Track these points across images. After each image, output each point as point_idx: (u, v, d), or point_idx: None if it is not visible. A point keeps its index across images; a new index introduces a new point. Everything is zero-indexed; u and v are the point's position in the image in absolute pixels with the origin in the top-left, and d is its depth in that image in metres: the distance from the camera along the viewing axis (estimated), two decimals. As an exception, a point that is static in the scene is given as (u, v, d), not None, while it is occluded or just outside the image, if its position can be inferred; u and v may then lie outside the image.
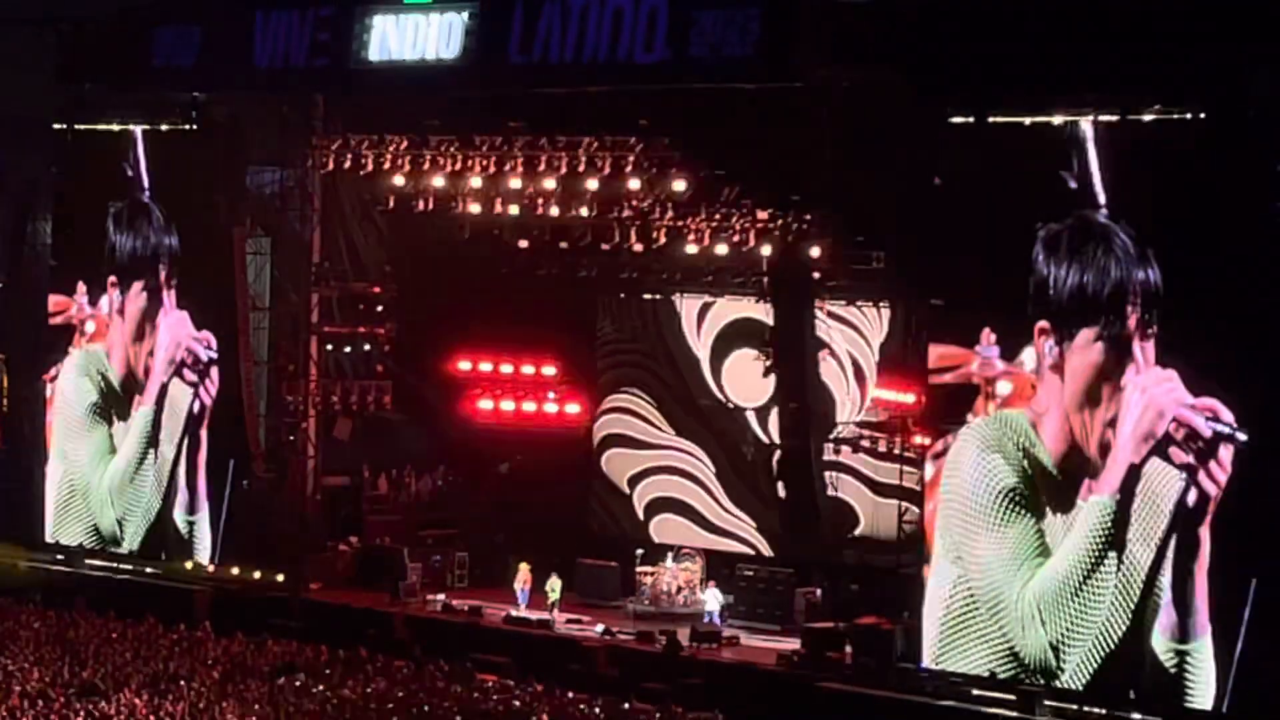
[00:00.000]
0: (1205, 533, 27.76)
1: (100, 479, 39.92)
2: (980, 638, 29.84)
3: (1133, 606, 28.36)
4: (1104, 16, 28.50)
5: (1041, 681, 29.18)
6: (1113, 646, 28.54)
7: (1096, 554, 28.74)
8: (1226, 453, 27.65)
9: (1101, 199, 28.34)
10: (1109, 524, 28.61)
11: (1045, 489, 29.38)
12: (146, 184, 38.84)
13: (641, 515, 39.07)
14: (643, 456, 39.04)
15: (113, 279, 39.75)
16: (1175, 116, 28.06)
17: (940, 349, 30.66)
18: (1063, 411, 29.19)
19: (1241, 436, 27.48)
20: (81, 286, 40.02)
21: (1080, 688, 28.87)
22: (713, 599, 34.90)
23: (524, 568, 36.07)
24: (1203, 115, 27.83)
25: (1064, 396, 29.12)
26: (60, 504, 40.42)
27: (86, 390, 40.22)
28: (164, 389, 39.03)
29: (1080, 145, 28.45)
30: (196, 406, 38.63)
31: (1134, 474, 28.47)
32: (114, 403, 39.88)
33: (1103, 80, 28.51)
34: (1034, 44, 29.12)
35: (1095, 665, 28.72)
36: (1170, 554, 28.03)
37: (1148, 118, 28.33)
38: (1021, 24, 29.26)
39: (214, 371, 38.52)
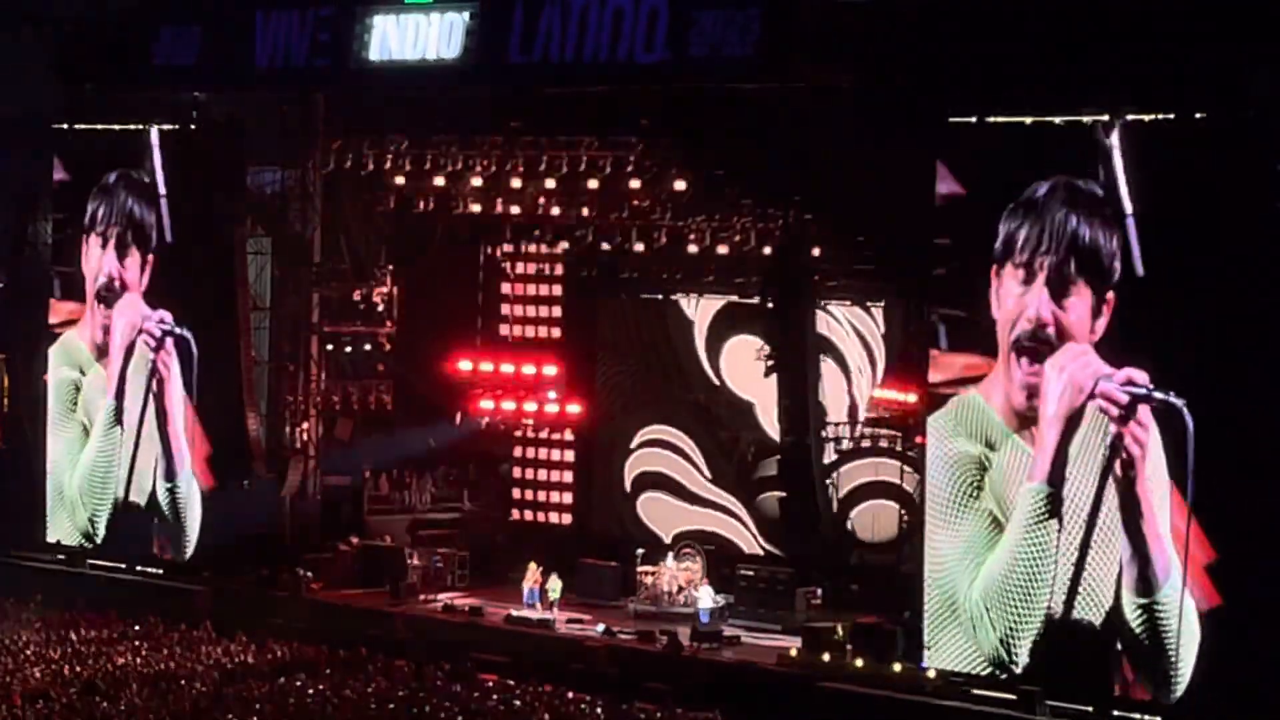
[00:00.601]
0: (1143, 489, 27.87)
1: (72, 478, 40.03)
2: (953, 635, 29.94)
3: (1071, 586, 28.60)
4: (1104, 17, 28.48)
5: (1003, 677, 29.31)
6: (1059, 630, 28.71)
7: (1034, 543, 28.91)
8: (1145, 412, 27.81)
9: (1128, 206, 28.11)
10: (1043, 510, 28.81)
11: (993, 467, 29.46)
12: (163, 186, 38.59)
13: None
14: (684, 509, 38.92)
15: (93, 239, 39.80)
16: (1175, 117, 28.03)
17: (964, 358, 30.36)
18: (1003, 375, 29.32)
19: (1159, 395, 27.64)
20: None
21: (1034, 676, 29.01)
22: (706, 597, 34.92)
23: (533, 567, 36.08)
24: (1201, 115, 27.80)
25: (998, 360, 29.33)
26: (53, 503, 40.48)
27: (63, 382, 40.37)
28: (123, 376, 39.06)
29: (1106, 150, 28.22)
30: (155, 383, 38.57)
31: (1062, 454, 28.64)
32: (81, 387, 39.97)
33: (1103, 81, 28.47)
34: (1034, 44, 29.11)
35: (1047, 652, 28.89)
36: (1116, 521, 28.13)
37: (1147, 118, 28.34)
38: (1022, 24, 29.25)
39: (169, 342, 38.43)
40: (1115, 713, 28.55)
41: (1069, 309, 28.65)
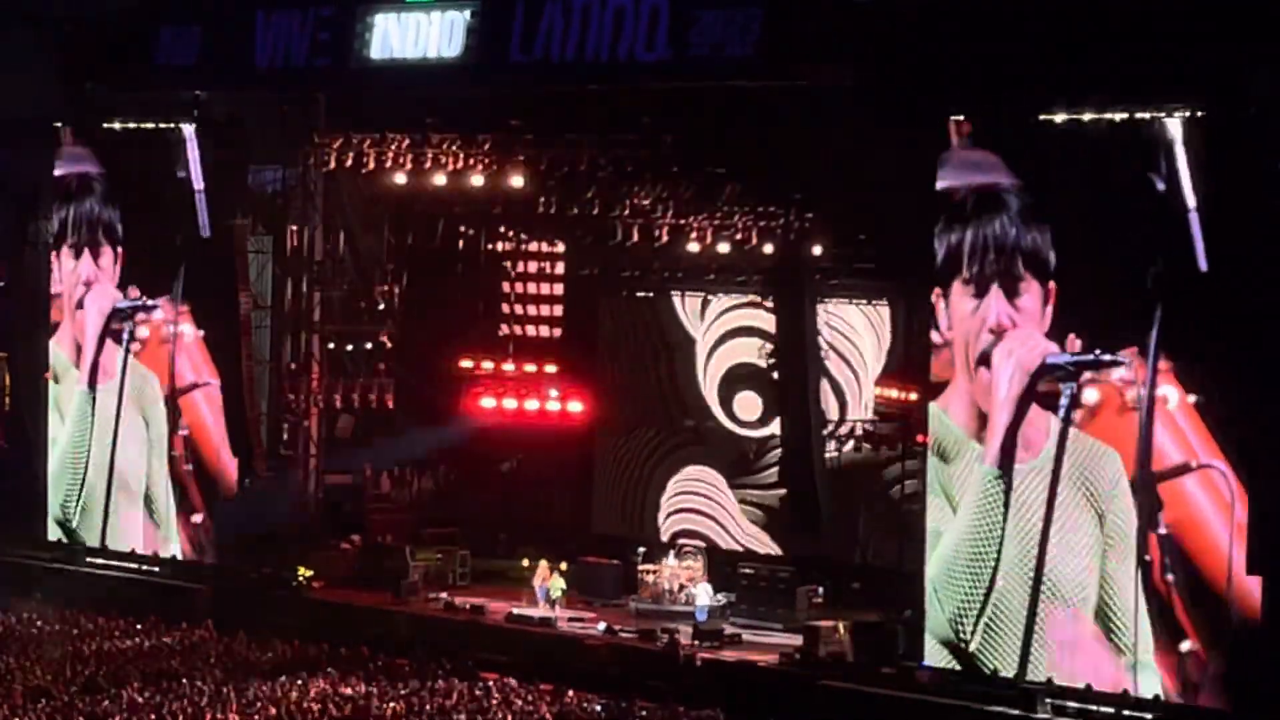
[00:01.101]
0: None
1: (46, 470, 40.26)
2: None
3: (1033, 565, 28.86)
4: (1105, 16, 28.48)
5: (954, 659, 29.67)
6: (1017, 610, 28.98)
7: (982, 524, 29.27)
8: (1090, 376, 28.14)
9: (1191, 201, 27.92)
10: (993, 491, 29.14)
11: (953, 473, 29.79)
12: (201, 184, 38.36)
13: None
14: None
15: (65, 252, 39.97)
16: (1177, 115, 28.03)
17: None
18: (961, 383, 29.66)
19: (1107, 358, 27.92)
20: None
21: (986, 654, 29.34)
22: (704, 594, 34.99)
23: (544, 564, 36.12)
24: (1200, 114, 27.82)
25: (954, 367, 29.58)
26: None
27: (53, 384, 40.58)
28: (95, 363, 39.32)
29: (1169, 146, 28.05)
30: (130, 356, 38.85)
31: (1012, 437, 28.96)
32: (63, 390, 40.25)
33: (1104, 80, 28.49)
34: (1034, 44, 29.11)
35: (1003, 632, 29.20)
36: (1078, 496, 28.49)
37: (1147, 115, 28.35)
38: (1022, 23, 29.25)
39: (139, 315, 38.67)
40: (1118, 711, 28.61)
41: (1021, 308, 29.00)
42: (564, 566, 35.86)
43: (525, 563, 36.41)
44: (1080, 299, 28.65)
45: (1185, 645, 27.71)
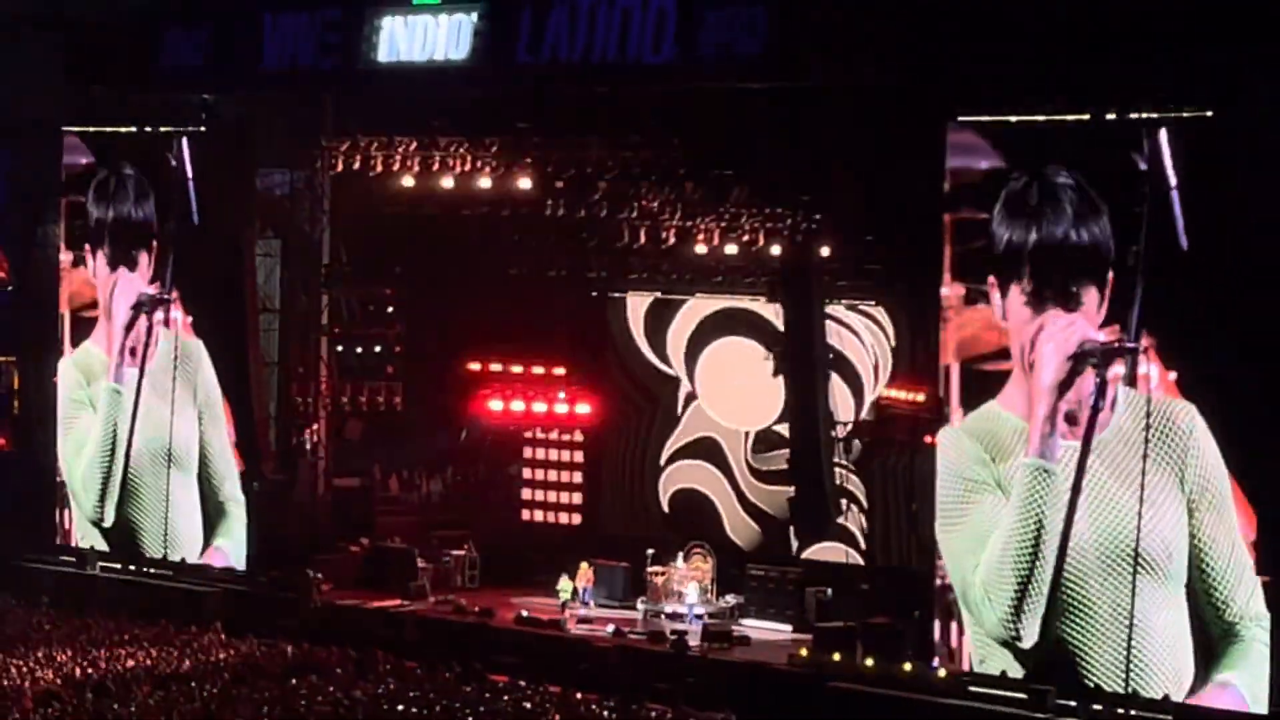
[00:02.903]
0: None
1: (78, 465, 40.07)
2: (978, 635, 30.02)
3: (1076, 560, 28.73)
4: (1108, 17, 28.46)
5: (1009, 654, 29.41)
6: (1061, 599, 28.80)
7: (1028, 517, 29.03)
8: (1122, 365, 28.12)
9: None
10: (1036, 483, 28.93)
11: (1007, 468, 29.54)
12: (193, 189, 38.47)
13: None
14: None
15: (99, 252, 39.83)
16: (1185, 116, 28.01)
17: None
18: (1021, 380, 29.43)
19: (1131, 345, 27.87)
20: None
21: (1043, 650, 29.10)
22: (693, 593, 35.03)
23: (584, 566, 36.16)
24: (1209, 114, 27.79)
25: (1015, 363, 29.46)
26: (72, 505, 40.50)
27: (67, 387, 40.41)
28: (121, 356, 39.16)
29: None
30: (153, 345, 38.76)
31: (1051, 425, 28.82)
32: (96, 388, 39.98)
33: (1111, 80, 28.47)
34: (1041, 43, 29.08)
35: (1055, 625, 28.95)
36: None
37: (1154, 115, 28.32)
38: (1028, 24, 29.21)
39: (160, 310, 38.57)
40: (1124, 711, 28.55)
41: (1084, 310, 28.71)
42: (565, 578, 35.86)
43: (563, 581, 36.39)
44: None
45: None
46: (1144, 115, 28.17)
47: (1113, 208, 28.39)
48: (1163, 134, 27.83)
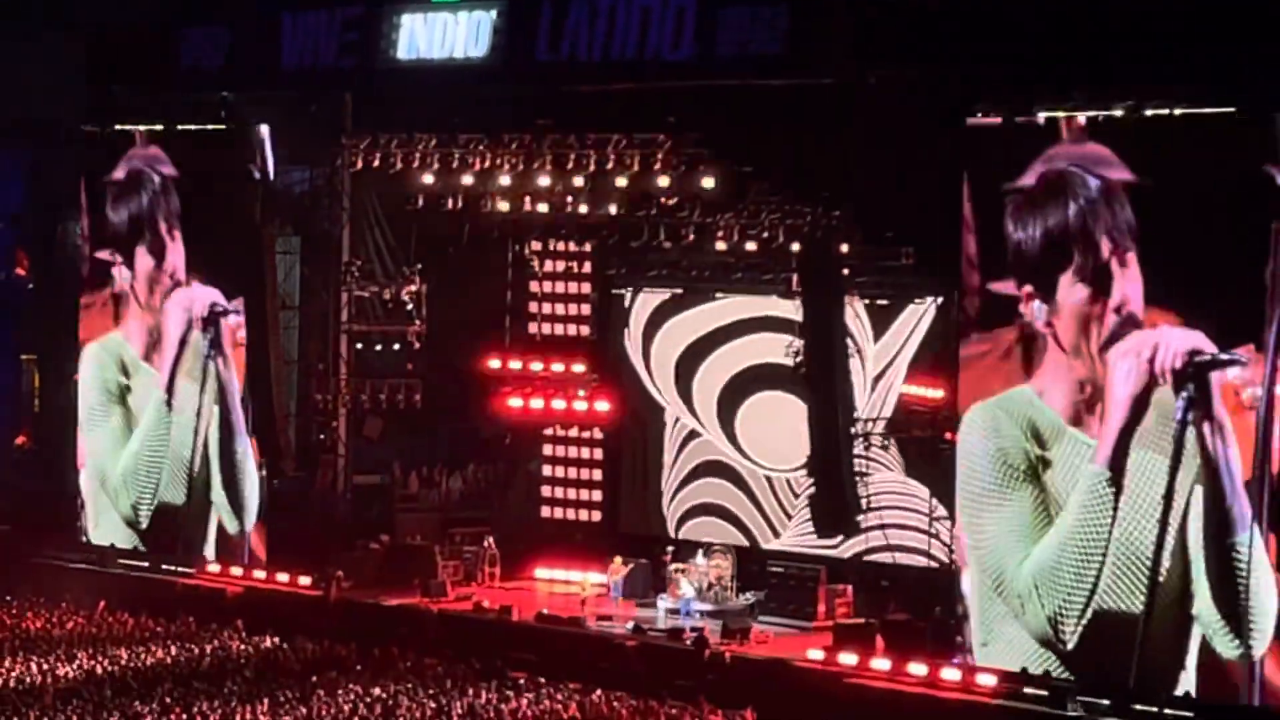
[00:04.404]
0: (1223, 450, 27.64)
1: (116, 466, 39.98)
2: (1003, 621, 29.86)
3: (1145, 570, 28.35)
4: (1132, 13, 28.44)
5: (1051, 655, 29.22)
6: (1121, 611, 28.56)
7: (1091, 524, 28.76)
8: (1216, 378, 27.68)
9: None
10: (1103, 492, 28.64)
11: (1049, 460, 29.36)
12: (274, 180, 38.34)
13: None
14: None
15: (118, 257, 39.79)
16: (1205, 111, 27.95)
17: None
18: (1064, 369, 29.21)
19: (1224, 357, 27.51)
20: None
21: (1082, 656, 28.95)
22: (688, 587, 35.09)
23: (618, 561, 36.28)
24: (1233, 110, 27.72)
25: (1062, 354, 29.17)
26: (92, 498, 40.47)
27: (98, 379, 40.27)
28: (176, 365, 39.01)
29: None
30: (220, 363, 38.55)
31: (1126, 438, 28.52)
32: (130, 384, 39.84)
33: (1131, 76, 28.42)
34: (1063, 41, 29.04)
35: (1103, 634, 28.77)
36: (1183, 490, 28.00)
37: (1179, 111, 28.25)
38: (1050, 21, 29.18)
39: (224, 322, 38.44)
40: (1140, 707, 28.51)
41: (1129, 292, 28.52)
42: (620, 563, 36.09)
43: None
44: (1198, 296, 28.09)
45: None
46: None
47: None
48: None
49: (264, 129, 38.17)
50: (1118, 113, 28.64)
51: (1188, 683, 28.17)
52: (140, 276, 39.63)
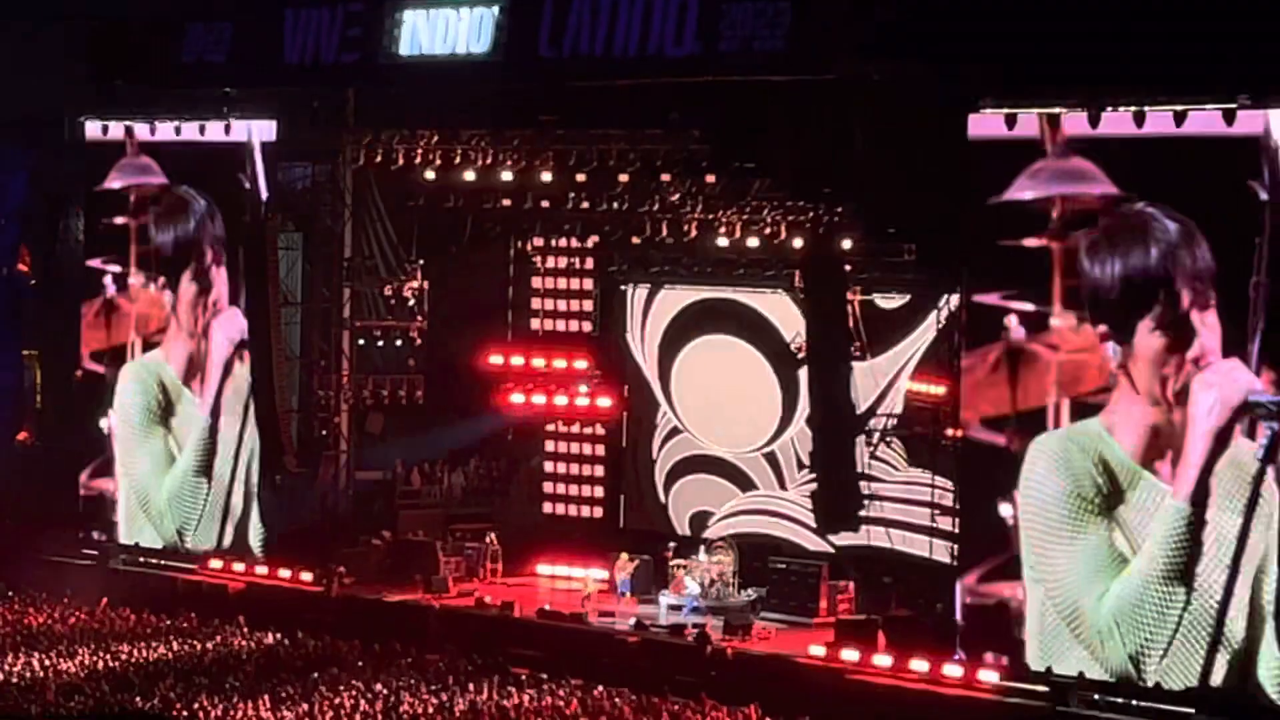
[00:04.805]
0: None
1: (160, 489, 39.64)
2: (1069, 650, 29.41)
3: (1216, 606, 27.90)
4: (1129, 11, 28.44)
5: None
6: (1197, 648, 28.14)
7: (1172, 562, 28.19)
8: None
9: None
10: (1183, 530, 28.06)
11: (1122, 497, 28.84)
12: (266, 195, 38.09)
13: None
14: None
15: (161, 279, 39.63)
16: (1209, 109, 27.93)
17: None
18: (1137, 412, 28.67)
19: None
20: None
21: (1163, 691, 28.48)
22: (693, 584, 35.13)
23: (624, 557, 36.30)
24: (1233, 106, 27.70)
25: (1136, 396, 28.64)
26: (128, 516, 40.17)
27: (141, 398, 39.88)
28: (220, 392, 38.75)
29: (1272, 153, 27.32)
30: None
31: (1207, 473, 27.92)
32: (171, 406, 39.57)
33: (1134, 73, 28.40)
34: (1065, 38, 29.02)
35: (1184, 670, 28.31)
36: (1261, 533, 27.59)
37: (1180, 108, 28.23)
38: (1054, 18, 29.15)
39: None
40: (1145, 704, 28.50)
41: (1207, 343, 28.01)
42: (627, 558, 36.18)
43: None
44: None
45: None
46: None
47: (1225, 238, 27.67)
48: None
49: (255, 140, 38.12)
50: (1119, 111, 28.58)
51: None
52: (184, 301, 39.23)
